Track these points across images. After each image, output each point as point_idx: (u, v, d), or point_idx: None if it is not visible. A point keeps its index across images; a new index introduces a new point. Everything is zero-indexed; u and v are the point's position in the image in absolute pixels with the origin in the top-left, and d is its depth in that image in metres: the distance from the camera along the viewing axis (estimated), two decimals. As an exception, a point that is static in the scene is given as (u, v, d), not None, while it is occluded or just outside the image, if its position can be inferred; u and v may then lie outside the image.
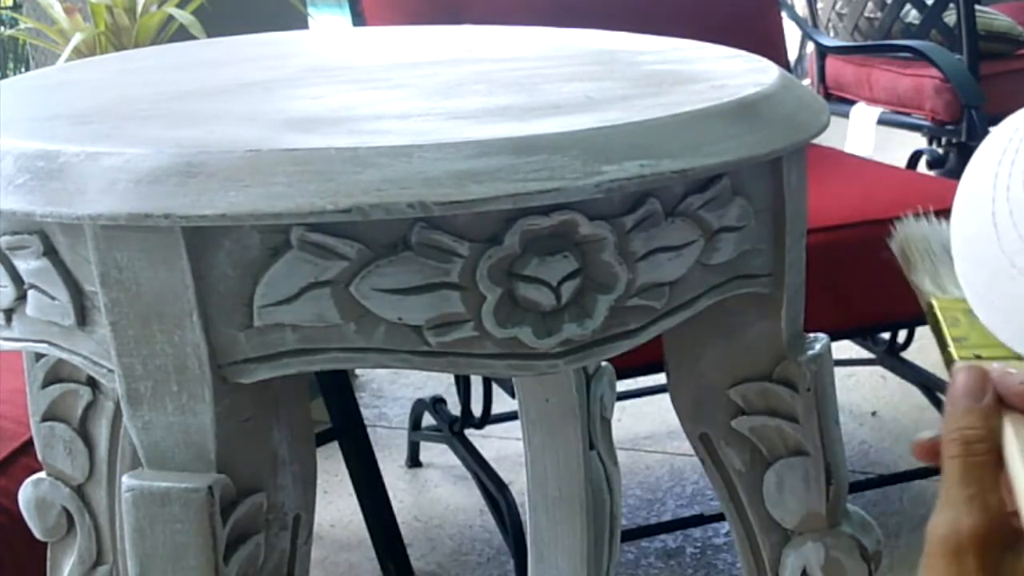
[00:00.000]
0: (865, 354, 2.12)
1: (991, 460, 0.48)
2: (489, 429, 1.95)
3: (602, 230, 0.67)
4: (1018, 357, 0.53)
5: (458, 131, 0.67)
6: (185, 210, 0.62)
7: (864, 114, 2.70)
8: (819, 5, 2.93)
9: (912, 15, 2.72)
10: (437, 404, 2.02)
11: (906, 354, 2.04)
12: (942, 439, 0.50)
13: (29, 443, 1.05)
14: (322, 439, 1.76)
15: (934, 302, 0.60)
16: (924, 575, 0.46)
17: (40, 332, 0.73)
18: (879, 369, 2.18)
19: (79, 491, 0.93)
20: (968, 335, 0.56)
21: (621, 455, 1.32)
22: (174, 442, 0.68)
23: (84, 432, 0.92)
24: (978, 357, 0.54)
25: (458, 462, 1.98)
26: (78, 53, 2.00)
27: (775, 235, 0.79)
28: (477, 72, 0.88)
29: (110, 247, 0.66)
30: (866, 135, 2.66)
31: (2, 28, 3.46)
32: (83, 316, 0.70)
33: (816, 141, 0.78)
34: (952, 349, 0.56)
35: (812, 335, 0.84)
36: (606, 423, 1.22)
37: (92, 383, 0.90)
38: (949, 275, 0.61)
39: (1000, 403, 0.50)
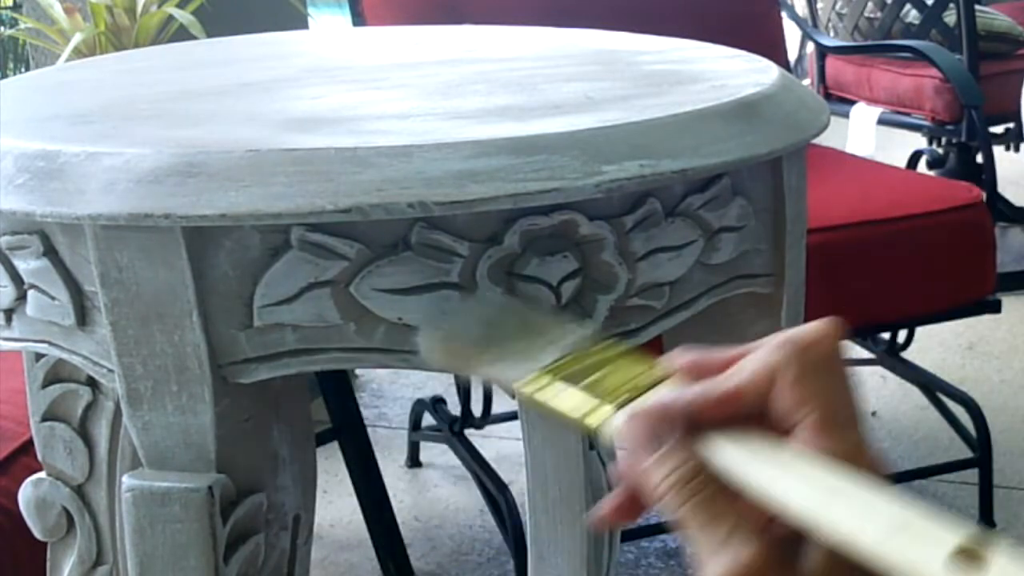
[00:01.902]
0: (865, 354, 2.12)
1: (719, 487, 0.42)
2: (489, 429, 1.95)
3: (602, 230, 0.67)
4: (657, 382, 0.46)
5: (458, 131, 0.67)
6: (185, 210, 0.62)
7: (864, 114, 2.70)
8: (819, 5, 2.93)
9: (912, 15, 2.72)
10: (437, 404, 2.02)
11: (906, 354, 2.04)
12: (654, 497, 0.43)
13: (29, 443, 1.05)
14: (322, 439, 1.76)
15: (524, 386, 0.50)
16: None
17: (40, 332, 0.73)
18: (879, 369, 2.18)
19: (79, 491, 0.93)
20: (589, 394, 0.47)
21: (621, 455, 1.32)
22: (174, 442, 0.68)
23: (84, 432, 0.92)
24: (621, 406, 0.46)
25: (458, 462, 1.98)
26: (78, 53, 2.00)
27: (775, 235, 0.79)
28: (477, 72, 0.88)
29: (110, 247, 0.66)
30: (866, 135, 2.66)
31: (2, 28, 3.46)
32: (83, 316, 0.70)
33: (816, 141, 0.78)
34: (588, 417, 0.47)
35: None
36: (606, 423, 1.22)
37: (92, 383, 0.90)
38: (515, 352, 0.52)
39: (686, 430, 0.43)
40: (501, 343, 0.54)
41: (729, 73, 0.82)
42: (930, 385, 2.03)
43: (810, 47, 3.03)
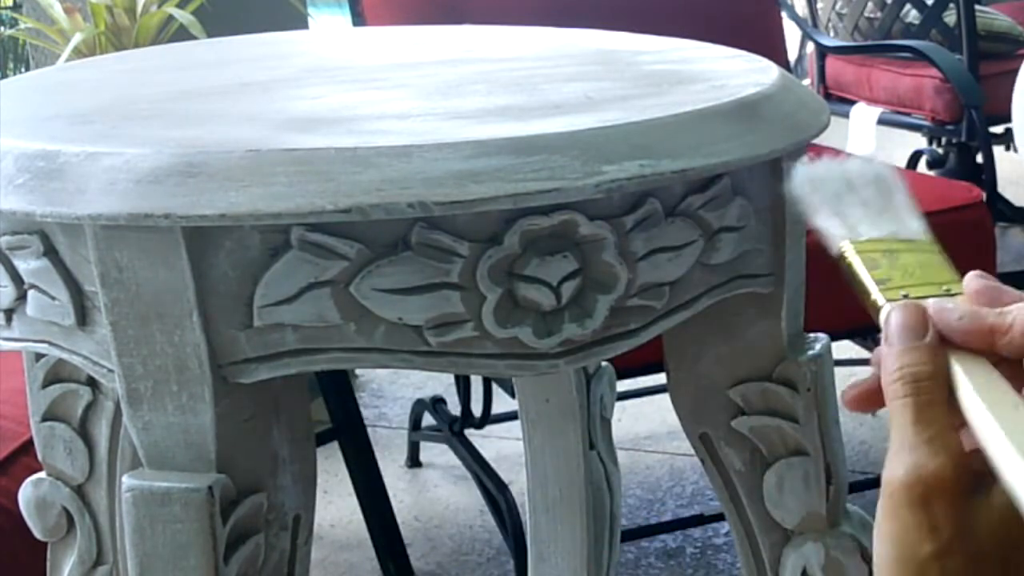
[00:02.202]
0: (865, 354, 2.12)
1: (942, 399, 0.45)
2: (489, 429, 1.95)
3: (602, 230, 0.67)
4: (947, 293, 0.50)
5: (458, 131, 0.67)
6: (185, 210, 0.62)
7: (864, 114, 2.70)
8: (819, 5, 2.93)
9: (912, 15, 2.72)
10: (437, 404, 2.02)
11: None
12: (885, 382, 0.46)
13: (29, 443, 1.05)
14: (322, 439, 1.76)
15: (847, 246, 0.55)
16: (886, 526, 0.43)
17: (40, 332, 0.73)
18: (879, 369, 2.18)
19: (79, 491, 0.93)
20: (891, 276, 0.52)
21: (621, 455, 1.32)
22: (174, 442, 0.68)
23: (84, 432, 0.92)
24: (906, 297, 0.50)
25: (458, 462, 1.98)
26: (78, 53, 2.00)
27: (775, 235, 0.79)
28: (477, 72, 0.88)
29: (110, 247, 0.66)
30: (866, 135, 2.66)
31: (2, 28, 3.46)
32: (83, 316, 0.70)
33: (816, 141, 0.78)
34: (877, 293, 0.52)
35: (812, 335, 0.84)
36: (606, 423, 1.22)
37: (92, 383, 0.90)
38: (858, 215, 0.56)
39: (942, 340, 0.47)
40: (848, 205, 0.57)
41: (729, 73, 0.82)
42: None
43: (810, 47, 3.02)
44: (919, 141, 2.96)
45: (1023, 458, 0.40)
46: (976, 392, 0.44)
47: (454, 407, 1.94)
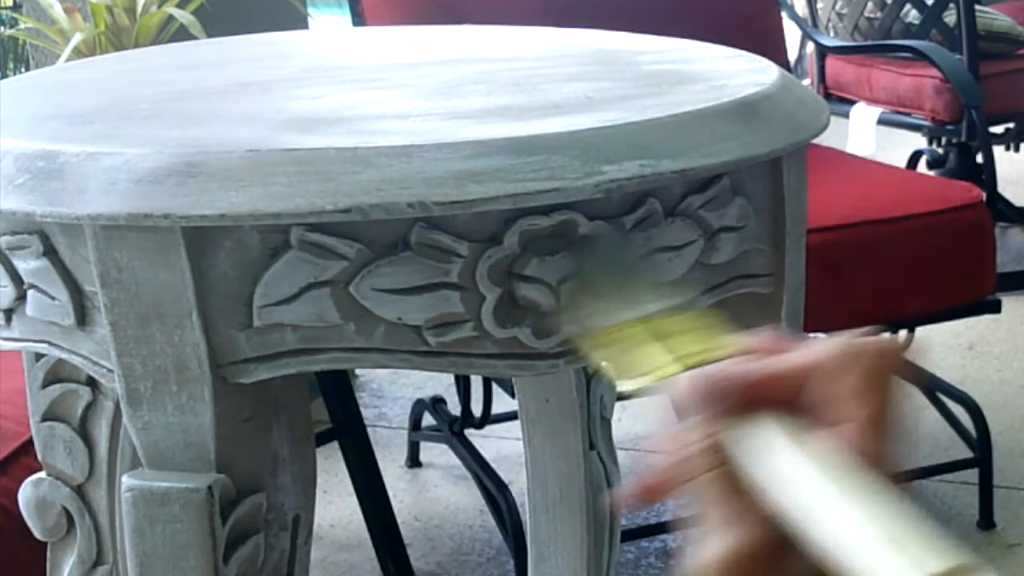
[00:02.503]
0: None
1: (743, 465, 0.42)
2: (489, 429, 1.95)
3: (602, 230, 0.67)
4: (718, 358, 0.46)
5: (458, 131, 0.67)
6: (185, 210, 0.62)
7: (864, 114, 2.70)
8: (819, 5, 2.93)
9: (912, 15, 2.72)
10: (437, 404, 2.02)
11: (906, 354, 2.04)
12: (681, 458, 0.43)
13: (29, 443, 1.05)
14: (322, 439, 1.76)
15: (603, 332, 0.52)
16: None
17: (40, 332, 0.73)
18: (879, 369, 2.18)
19: (79, 491, 0.93)
20: (657, 352, 0.49)
21: (621, 455, 1.32)
22: (174, 442, 0.68)
23: (84, 432, 0.92)
24: (684, 369, 0.47)
25: (458, 462, 1.98)
26: (78, 53, 2.00)
27: (775, 235, 0.79)
28: (477, 72, 0.88)
29: (110, 247, 0.65)
30: (866, 135, 2.66)
31: (2, 28, 3.46)
32: (83, 316, 0.70)
33: (816, 141, 0.78)
34: (650, 372, 0.48)
35: (812, 335, 0.84)
36: (606, 423, 1.22)
37: (92, 383, 0.90)
38: (605, 300, 0.54)
39: (731, 403, 0.43)
40: (608, 290, 0.56)
41: (729, 73, 0.82)
42: (930, 385, 2.03)
43: (810, 47, 3.02)
44: (919, 141, 2.96)
45: (814, 501, 0.39)
46: (762, 453, 0.41)
47: (454, 407, 1.94)
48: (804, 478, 0.40)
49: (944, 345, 2.41)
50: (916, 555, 0.35)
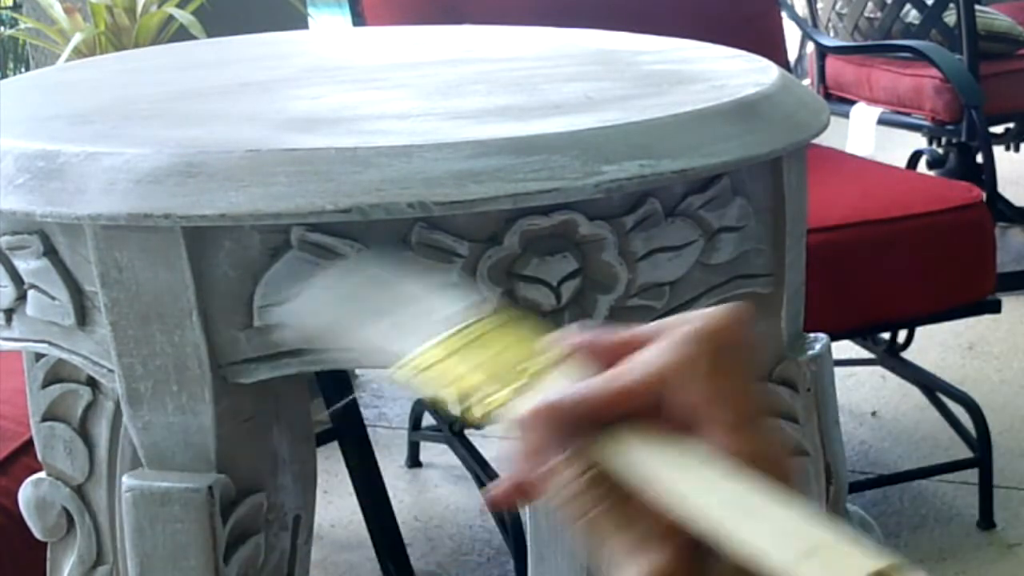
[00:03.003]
0: (865, 354, 2.12)
1: (624, 493, 0.39)
2: (489, 429, 1.94)
3: (602, 230, 0.67)
4: (533, 372, 0.43)
5: (458, 131, 0.67)
6: (185, 210, 0.62)
7: (864, 114, 2.70)
8: (819, 5, 2.93)
9: (912, 15, 2.72)
10: (437, 404, 2.01)
11: (906, 354, 2.04)
12: (557, 501, 0.40)
13: (29, 443, 1.05)
14: (322, 439, 1.76)
15: (404, 373, 0.45)
16: None
17: (40, 332, 0.73)
18: (879, 369, 2.18)
19: (79, 491, 0.93)
20: (473, 381, 0.44)
21: (621, 455, 1.32)
22: (174, 442, 0.68)
23: (84, 432, 0.92)
24: (516, 391, 0.43)
25: (458, 462, 1.98)
26: (78, 53, 2.00)
27: (775, 235, 0.79)
28: (477, 72, 0.88)
29: (110, 247, 0.65)
30: (866, 135, 2.66)
31: (2, 28, 3.46)
32: (83, 316, 0.70)
33: (816, 141, 0.78)
34: (478, 407, 0.43)
35: (812, 335, 0.84)
36: (606, 423, 1.22)
37: (92, 383, 0.90)
38: (386, 331, 0.46)
39: (584, 425, 0.40)
40: (375, 316, 0.47)
41: (729, 73, 0.82)
42: (930, 385, 2.03)
43: (810, 47, 3.02)
44: (919, 141, 2.96)
45: (723, 506, 0.37)
46: (647, 468, 0.39)
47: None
48: (703, 486, 0.38)
49: (944, 345, 2.41)
50: (838, 564, 0.34)
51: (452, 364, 0.45)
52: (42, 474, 0.94)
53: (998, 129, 2.86)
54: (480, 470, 1.83)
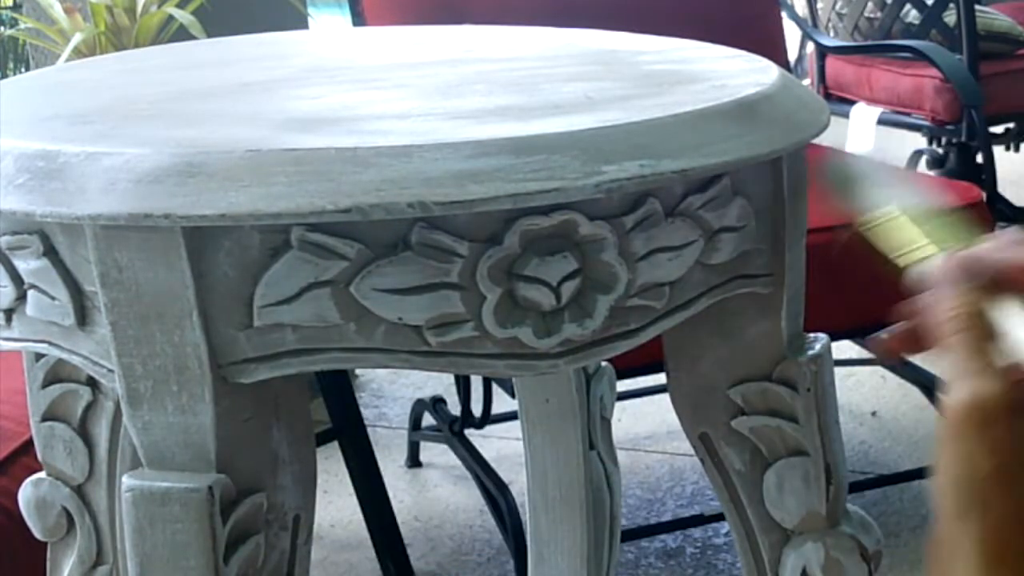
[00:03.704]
0: (865, 354, 2.12)
1: (995, 333, 0.49)
2: (489, 429, 1.95)
3: (602, 230, 0.67)
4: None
5: (458, 131, 0.67)
6: (185, 210, 0.62)
7: (864, 114, 2.70)
8: (819, 5, 2.93)
9: (912, 15, 2.72)
10: (437, 404, 2.02)
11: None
12: (940, 319, 0.50)
13: (29, 443, 1.05)
14: (322, 439, 1.76)
15: (877, 215, 0.64)
16: (950, 447, 0.46)
17: (40, 332, 0.73)
18: (879, 369, 2.18)
19: (79, 491, 0.93)
20: (919, 237, 0.60)
21: (621, 455, 1.32)
22: (174, 442, 0.68)
23: (84, 432, 0.92)
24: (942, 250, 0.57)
25: (458, 462, 1.98)
26: (78, 53, 2.00)
27: (775, 235, 0.79)
28: (477, 72, 0.88)
29: (110, 247, 0.65)
30: (866, 135, 2.66)
31: (2, 28, 3.46)
32: (83, 316, 0.70)
33: (816, 141, 0.78)
34: (918, 248, 0.59)
35: (812, 335, 0.84)
36: (606, 423, 1.22)
37: (92, 383, 0.90)
38: (877, 195, 0.65)
39: (990, 283, 0.51)
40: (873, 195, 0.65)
41: (729, 73, 0.82)
42: (930, 385, 2.03)
43: (810, 47, 3.03)
44: (919, 141, 2.96)
45: None
46: (1013, 328, 0.48)
47: (454, 407, 1.94)
48: None
49: (944, 345, 2.41)
50: None
51: (906, 225, 0.61)
52: (42, 474, 0.94)
53: (998, 129, 2.86)
54: (480, 470, 1.83)
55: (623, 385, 1.64)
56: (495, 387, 1.79)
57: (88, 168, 0.64)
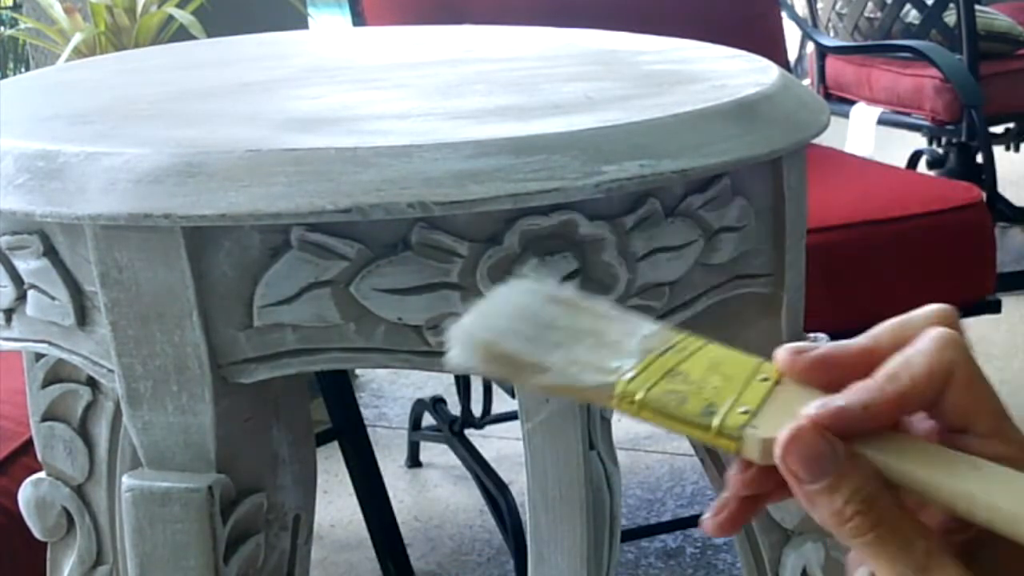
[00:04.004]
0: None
1: (902, 507, 0.38)
2: (489, 429, 1.95)
3: (602, 230, 0.67)
4: (767, 380, 0.41)
5: (458, 131, 0.67)
6: (185, 210, 0.62)
7: (864, 114, 2.70)
8: (819, 5, 2.93)
9: (912, 15, 2.72)
10: (437, 404, 2.02)
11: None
12: (833, 523, 0.39)
13: (29, 443, 1.05)
14: (322, 439, 1.76)
15: (625, 393, 0.40)
16: None
17: (40, 332, 0.73)
18: (879, 369, 2.18)
19: (79, 491, 0.93)
20: (705, 398, 0.40)
21: (621, 455, 1.32)
22: (174, 442, 0.68)
23: (84, 432, 0.92)
24: (746, 413, 0.39)
25: (458, 462, 1.98)
26: (78, 53, 2.00)
27: (775, 235, 0.79)
28: (477, 72, 0.88)
29: (110, 247, 0.65)
30: (866, 135, 2.66)
31: (2, 28, 3.46)
32: (83, 316, 0.70)
33: (816, 141, 0.78)
34: (718, 428, 0.39)
35: (812, 335, 0.84)
36: (606, 423, 1.22)
37: (92, 383, 0.90)
38: (586, 351, 0.42)
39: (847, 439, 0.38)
40: (556, 347, 0.42)
41: (729, 73, 0.82)
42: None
43: (810, 47, 3.02)
44: (919, 141, 2.96)
45: (1013, 496, 0.36)
46: (926, 470, 0.38)
47: (454, 407, 1.94)
48: (987, 480, 0.37)
49: (944, 345, 2.41)
50: None
51: (677, 381, 0.41)
52: (42, 474, 0.94)
53: (998, 129, 2.86)
54: (480, 470, 1.83)
55: (623, 385, 1.64)
56: (495, 387, 1.79)
57: (88, 168, 0.64)
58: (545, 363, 0.41)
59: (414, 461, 2.13)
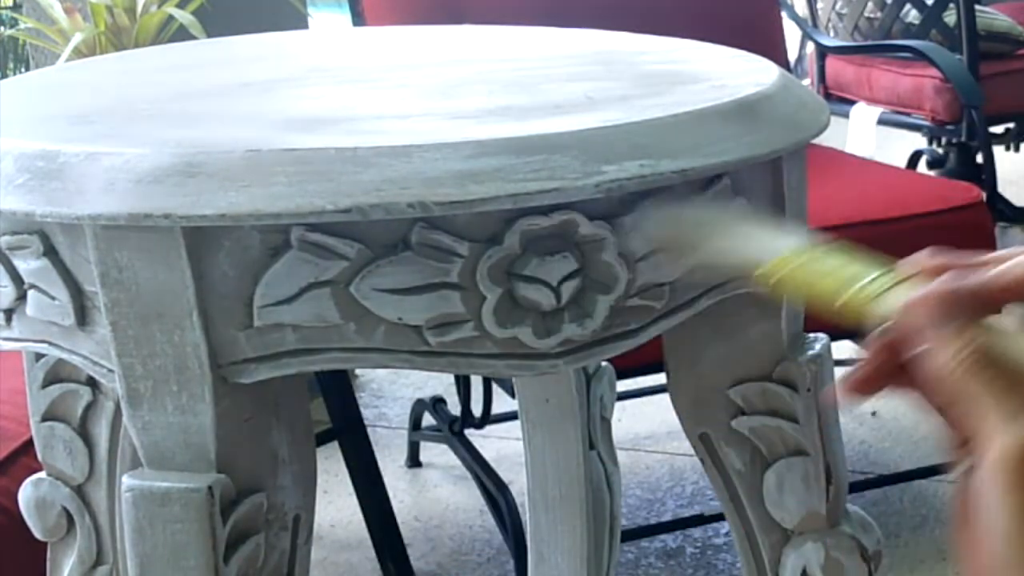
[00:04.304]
0: (865, 354, 2.12)
1: (1006, 367, 0.44)
2: (489, 429, 1.95)
3: (602, 230, 0.67)
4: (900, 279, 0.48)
5: (458, 131, 0.67)
6: (185, 210, 0.62)
7: (864, 114, 2.70)
8: (819, 5, 2.93)
9: (912, 15, 2.72)
10: (437, 404, 2.02)
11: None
12: (944, 366, 0.44)
13: (29, 443, 1.05)
14: (322, 439, 1.76)
15: (784, 261, 0.52)
16: (1009, 499, 0.41)
17: (40, 332, 0.73)
18: (879, 369, 2.18)
19: (79, 491, 0.93)
20: (847, 274, 0.49)
21: (621, 455, 1.32)
22: (174, 442, 0.68)
23: (84, 432, 0.92)
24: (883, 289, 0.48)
25: (458, 462, 1.98)
26: (78, 53, 2.00)
27: (775, 235, 0.79)
28: (477, 72, 0.88)
29: (110, 247, 0.66)
30: (866, 135, 2.66)
31: (2, 28, 3.46)
32: (83, 316, 0.70)
33: (816, 141, 0.78)
34: (862, 287, 0.49)
35: (812, 335, 0.84)
36: (606, 423, 1.22)
37: (92, 383, 0.90)
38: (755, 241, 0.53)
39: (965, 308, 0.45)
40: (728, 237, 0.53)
41: (729, 73, 0.82)
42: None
43: (810, 47, 3.03)
44: (919, 141, 2.96)
45: None
46: None
47: (454, 407, 1.94)
48: None
49: (944, 345, 2.41)
50: None
51: (818, 266, 0.50)
52: (42, 474, 0.94)
53: (998, 129, 2.86)
54: (480, 470, 1.83)
55: (623, 385, 1.64)
56: (495, 387, 1.79)
57: (88, 168, 0.64)
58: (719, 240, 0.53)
59: (414, 461, 2.13)
